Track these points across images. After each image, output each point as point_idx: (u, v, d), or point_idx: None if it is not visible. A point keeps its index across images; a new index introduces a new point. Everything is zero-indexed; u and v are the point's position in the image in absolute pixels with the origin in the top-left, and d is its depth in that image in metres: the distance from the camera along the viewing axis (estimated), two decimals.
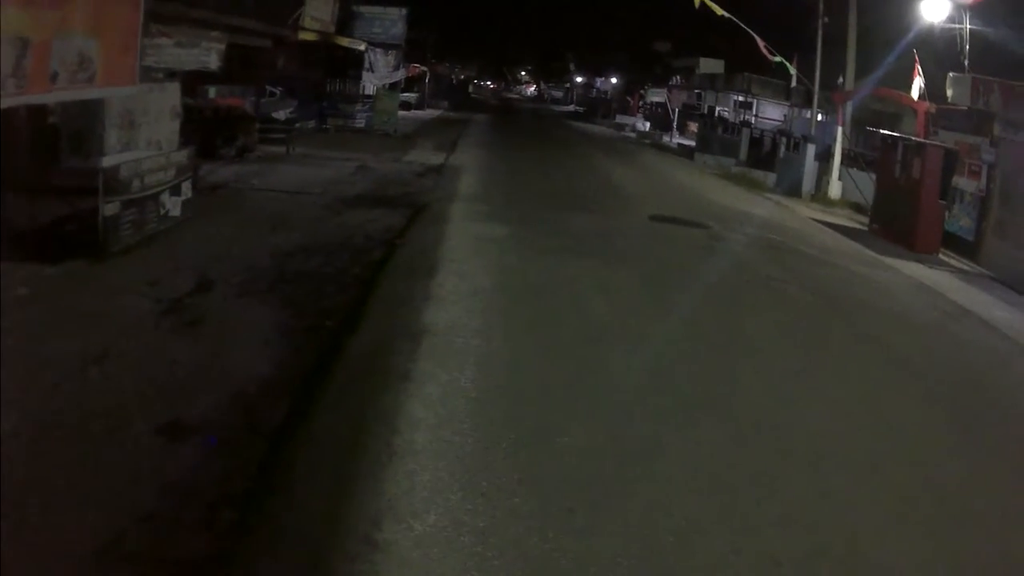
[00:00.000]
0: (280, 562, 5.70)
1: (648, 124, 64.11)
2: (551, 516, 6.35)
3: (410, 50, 50.29)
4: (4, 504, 5.93)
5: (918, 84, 25.82)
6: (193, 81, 21.17)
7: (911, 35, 26.48)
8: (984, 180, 20.40)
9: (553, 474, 7.04)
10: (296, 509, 6.27)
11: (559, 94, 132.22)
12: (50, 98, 9.85)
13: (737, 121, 47.52)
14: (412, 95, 60.74)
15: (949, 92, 22.16)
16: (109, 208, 12.34)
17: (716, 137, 42.67)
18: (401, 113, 44.06)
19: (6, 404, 7.31)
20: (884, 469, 7.91)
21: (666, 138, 55.18)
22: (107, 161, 12.55)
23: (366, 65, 39.03)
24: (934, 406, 9.94)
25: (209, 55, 15.96)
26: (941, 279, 17.88)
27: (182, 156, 14.91)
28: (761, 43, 32.77)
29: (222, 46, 16.41)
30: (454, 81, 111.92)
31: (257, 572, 5.61)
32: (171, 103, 14.91)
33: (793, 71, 34.34)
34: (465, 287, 12.27)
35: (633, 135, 59.91)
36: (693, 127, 53.50)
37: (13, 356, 8.43)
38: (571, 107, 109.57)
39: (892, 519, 6.96)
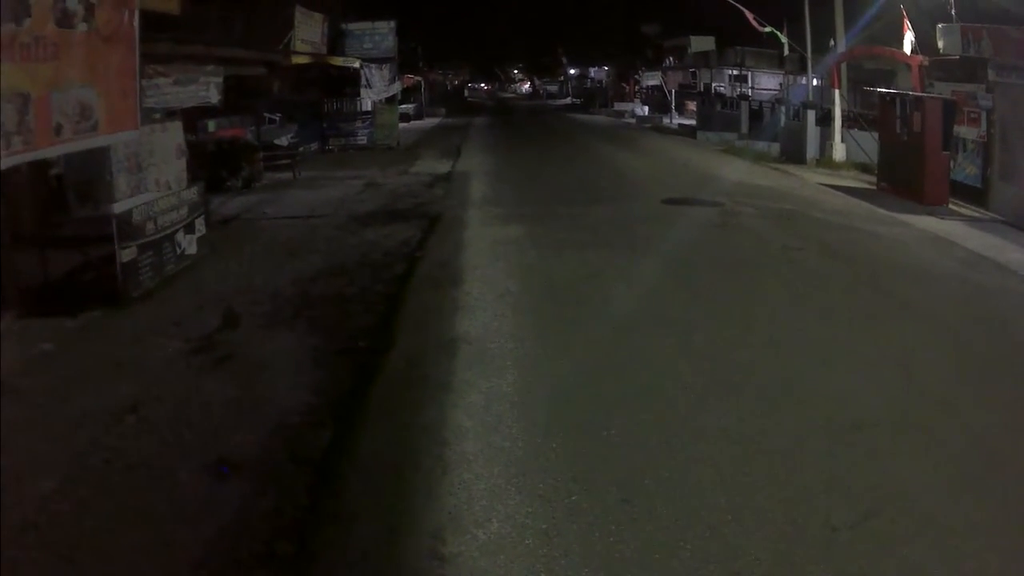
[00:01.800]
0: None
1: (647, 108, 64.04)
2: (609, 510, 6.38)
3: (403, 61, 50.24)
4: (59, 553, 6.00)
5: (909, 39, 25.72)
6: (191, 117, 21.21)
7: None
8: (984, 126, 20.43)
9: (605, 468, 7.07)
10: (355, 534, 6.26)
11: (554, 88, 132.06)
12: (56, 151, 9.83)
13: (734, 95, 47.50)
14: (409, 106, 60.76)
15: (940, 43, 22.10)
16: (126, 253, 12.34)
17: (716, 113, 42.69)
18: (400, 125, 44.11)
19: (49, 463, 7.35)
20: (921, 424, 7.92)
21: (666, 120, 55.17)
22: (119, 207, 12.54)
23: (363, 82, 39.01)
24: (960, 354, 9.98)
25: (208, 89, 16.01)
26: (954, 229, 17.89)
27: (192, 193, 14.96)
28: (750, 16, 32.76)
29: (220, 79, 16.46)
30: (449, 87, 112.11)
31: None
32: (175, 142, 14.94)
33: (784, 40, 34.25)
34: (491, 292, 12.34)
35: (633, 121, 59.87)
36: (692, 106, 53.55)
37: (47, 414, 8.49)
38: (568, 100, 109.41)
39: (934, 471, 7.01)
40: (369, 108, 40.10)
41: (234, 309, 11.89)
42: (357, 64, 37.93)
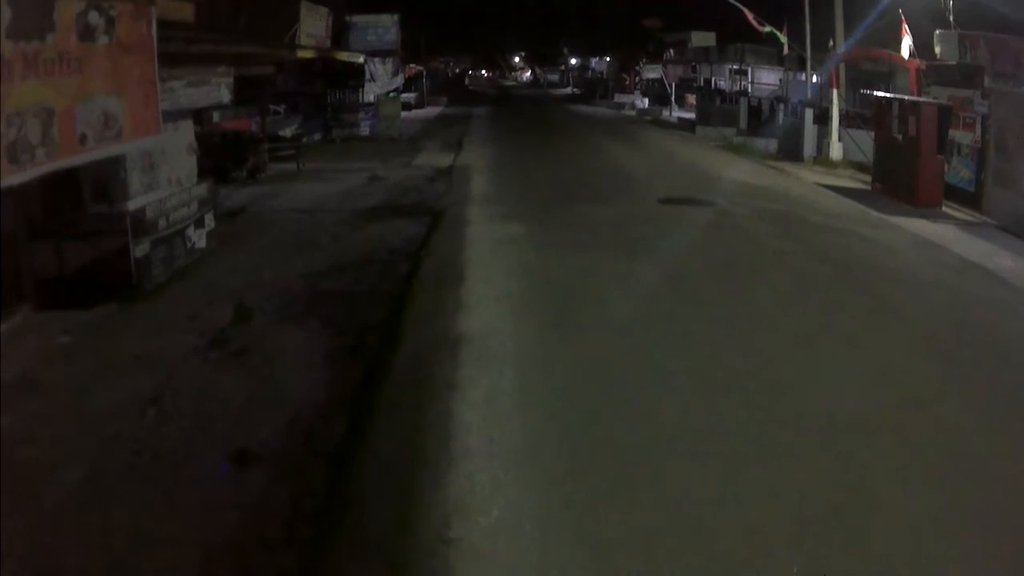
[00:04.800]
0: (363, 567, 6.27)
1: (647, 101, 64.28)
2: (600, 499, 6.97)
3: (406, 52, 50.38)
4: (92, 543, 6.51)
5: (907, 42, 26.14)
6: (197, 108, 21.52)
7: None
8: (979, 131, 20.87)
9: (597, 461, 7.64)
10: (369, 519, 6.84)
11: (555, 77, 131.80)
12: (80, 160, 10.07)
13: (734, 91, 47.83)
14: (411, 95, 60.83)
15: (937, 49, 22.56)
16: (139, 249, 12.83)
17: (715, 109, 42.98)
18: (403, 114, 44.38)
19: (76, 455, 7.84)
20: (898, 428, 8.43)
21: (666, 113, 55.50)
22: (133, 204, 12.90)
23: (367, 76, 39.33)
24: (940, 360, 10.42)
25: (220, 90, 16.31)
26: (945, 233, 18.27)
27: (202, 189, 15.43)
28: (749, 15, 33.08)
29: (230, 79, 16.78)
30: (450, 75, 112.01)
31: None
32: (186, 140, 15.30)
33: (784, 39, 34.56)
34: (492, 292, 12.78)
35: (633, 113, 60.17)
36: (691, 99, 53.74)
37: (72, 406, 8.96)
38: (568, 90, 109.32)
39: (904, 470, 7.55)
40: (372, 99, 40.39)
41: (245, 304, 12.28)
42: (361, 59, 38.20)
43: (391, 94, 42.53)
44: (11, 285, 11.70)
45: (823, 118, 30.69)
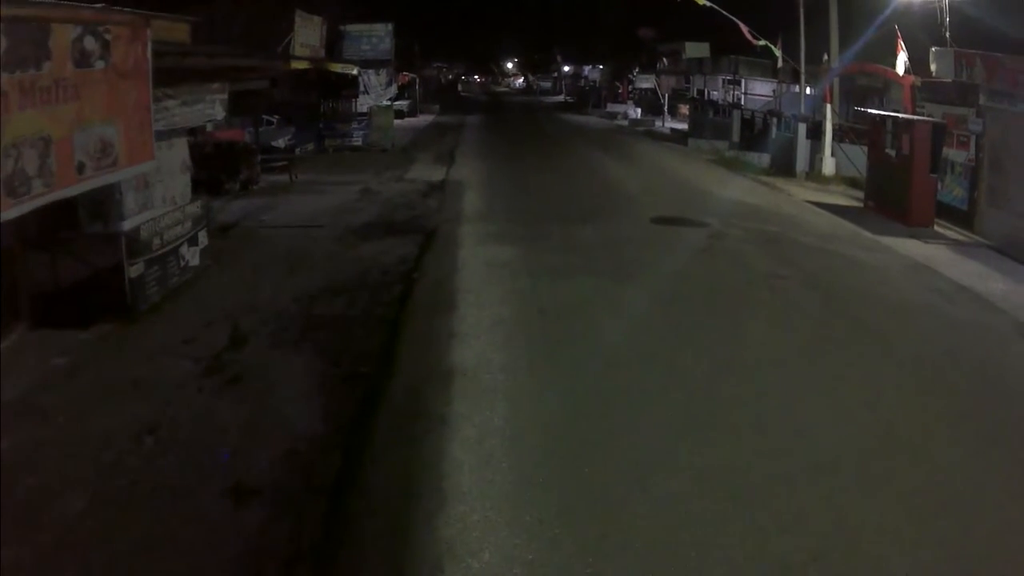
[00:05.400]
0: None
1: (639, 111, 64.41)
2: (588, 543, 7.03)
3: (399, 61, 50.39)
4: None
5: (902, 59, 26.24)
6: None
7: (888, 10, 26.96)
8: (973, 150, 20.97)
9: (585, 503, 7.71)
10: (364, 560, 6.94)
11: (547, 85, 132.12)
12: (77, 190, 10.03)
13: (727, 102, 47.92)
14: (404, 102, 60.79)
15: (933, 66, 22.63)
16: (134, 270, 12.87)
17: (708, 121, 43.06)
18: (395, 122, 44.58)
19: (75, 484, 7.90)
20: (881, 464, 8.52)
21: (658, 123, 55.66)
22: (127, 224, 12.92)
23: (361, 88, 39.34)
24: (928, 393, 10.48)
25: (214, 107, 16.33)
26: (936, 254, 18.33)
27: (196, 207, 15.46)
28: (745, 29, 33.18)
29: (224, 96, 16.80)
30: (443, 81, 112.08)
31: None
32: (181, 158, 15.30)
33: (778, 53, 34.64)
34: (485, 320, 12.78)
35: (625, 123, 60.26)
36: (684, 109, 53.96)
37: (71, 433, 9.01)
38: (561, 98, 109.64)
39: (896, 514, 7.58)
40: (365, 110, 40.41)
41: (240, 327, 12.31)
42: (355, 71, 38.24)
43: (385, 102, 42.53)
44: (8, 303, 11.74)
45: (816, 132, 30.73)
